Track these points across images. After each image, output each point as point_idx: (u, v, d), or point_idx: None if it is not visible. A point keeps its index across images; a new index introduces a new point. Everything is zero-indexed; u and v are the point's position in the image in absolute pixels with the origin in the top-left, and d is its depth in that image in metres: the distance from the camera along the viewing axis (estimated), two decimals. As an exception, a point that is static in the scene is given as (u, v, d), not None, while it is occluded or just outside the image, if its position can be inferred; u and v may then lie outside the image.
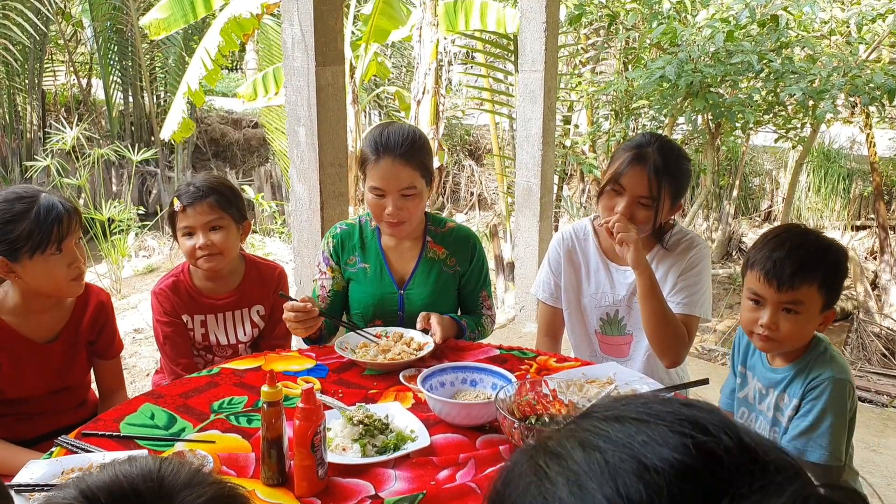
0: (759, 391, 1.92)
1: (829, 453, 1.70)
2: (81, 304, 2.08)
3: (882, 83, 4.67)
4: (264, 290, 2.39)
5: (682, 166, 2.16)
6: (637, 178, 2.09)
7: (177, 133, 6.30)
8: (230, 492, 0.74)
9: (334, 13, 3.14)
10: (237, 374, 1.98)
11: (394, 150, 2.15)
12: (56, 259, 1.89)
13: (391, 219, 2.18)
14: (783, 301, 1.73)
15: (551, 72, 4.44)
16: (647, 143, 2.13)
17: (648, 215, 2.11)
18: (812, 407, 1.74)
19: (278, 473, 1.49)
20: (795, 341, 1.79)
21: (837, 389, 1.73)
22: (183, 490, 0.70)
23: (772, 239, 1.78)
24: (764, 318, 1.75)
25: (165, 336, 2.29)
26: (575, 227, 2.40)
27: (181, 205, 2.21)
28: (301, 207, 3.39)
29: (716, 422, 0.57)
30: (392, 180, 2.15)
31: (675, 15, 5.57)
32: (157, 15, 5.64)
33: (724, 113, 5.22)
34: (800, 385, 1.79)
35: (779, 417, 1.84)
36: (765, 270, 1.73)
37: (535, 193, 4.55)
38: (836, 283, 1.75)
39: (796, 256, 1.71)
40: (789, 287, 1.71)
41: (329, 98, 3.20)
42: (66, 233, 1.89)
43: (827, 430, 1.71)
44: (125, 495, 0.69)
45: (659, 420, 0.57)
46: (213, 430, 1.69)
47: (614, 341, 2.36)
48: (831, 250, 1.76)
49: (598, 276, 2.33)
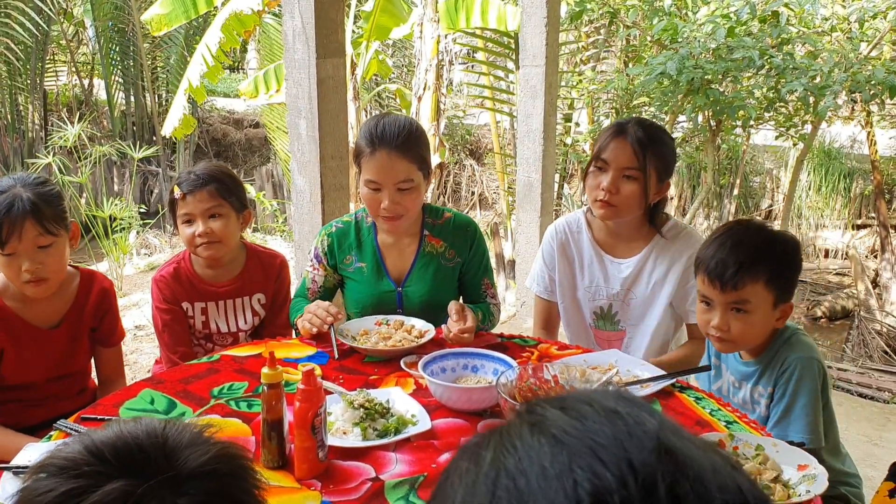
0: (732, 384, 1.91)
1: (807, 435, 1.68)
2: (84, 290, 2.08)
3: (883, 79, 4.67)
4: (265, 279, 2.39)
5: (666, 141, 2.15)
6: (620, 150, 2.08)
7: (177, 129, 6.31)
8: (233, 451, 0.75)
9: (336, 5, 3.14)
10: (237, 360, 1.97)
11: (390, 143, 2.09)
12: (3, 260, 1.85)
13: (387, 213, 2.12)
14: (730, 301, 1.70)
15: (552, 67, 4.44)
16: (626, 121, 2.14)
17: (635, 189, 2.09)
18: (784, 390, 1.73)
19: (279, 456, 1.49)
20: (750, 340, 1.76)
21: (806, 368, 1.72)
22: (187, 448, 0.71)
23: (716, 238, 1.76)
24: (715, 320, 1.73)
25: (164, 323, 2.28)
26: (568, 220, 2.37)
27: (181, 192, 2.21)
28: (302, 200, 3.38)
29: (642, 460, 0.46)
30: (388, 173, 2.09)
31: (675, 11, 5.57)
32: (158, 11, 5.65)
33: (725, 109, 5.22)
34: (770, 375, 1.78)
35: (756, 409, 1.83)
36: (708, 271, 1.71)
37: (535, 188, 4.54)
38: (784, 276, 1.71)
39: (737, 255, 1.68)
40: (732, 287, 1.68)
41: (330, 90, 3.20)
42: (7, 237, 1.82)
43: (801, 410, 1.70)
44: (130, 451, 0.69)
45: (574, 443, 0.48)
46: (212, 415, 1.69)
47: (608, 336, 2.34)
48: (776, 244, 1.73)
49: (591, 270, 2.30)
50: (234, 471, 0.74)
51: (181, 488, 0.68)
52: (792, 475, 1.42)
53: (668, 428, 0.49)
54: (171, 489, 0.68)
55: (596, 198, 2.13)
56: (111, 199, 6.90)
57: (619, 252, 2.26)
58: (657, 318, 2.23)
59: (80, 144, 7.05)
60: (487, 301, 2.32)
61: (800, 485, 1.39)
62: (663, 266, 2.20)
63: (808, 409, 1.70)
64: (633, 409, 0.50)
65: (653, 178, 2.09)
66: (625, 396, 0.52)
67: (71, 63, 10.90)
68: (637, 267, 2.23)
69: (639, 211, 2.15)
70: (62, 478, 0.68)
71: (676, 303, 2.22)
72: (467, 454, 0.53)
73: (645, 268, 2.22)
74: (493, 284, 2.35)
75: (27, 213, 1.83)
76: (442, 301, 2.19)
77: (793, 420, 1.70)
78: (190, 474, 0.70)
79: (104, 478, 0.67)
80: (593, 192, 2.13)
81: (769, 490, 1.37)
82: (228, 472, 0.73)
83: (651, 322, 2.24)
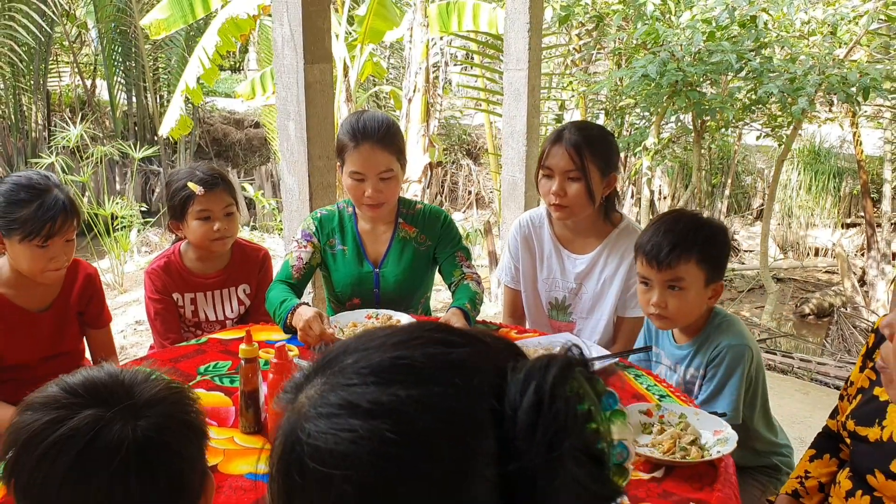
0: (667, 368, 2.07)
1: (730, 412, 1.86)
2: (71, 277, 2.27)
3: (856, 81, 4.84)
4: (250, 270, 2.58)
5: (604, 138, 2.33)
6: (559, 156, 2.26)
7: (174, 130, 6.50)
8: (178, 385, 0.98)
9: (322, 14, 3.31)
10: (223, 343, 2.16)
11: (372, 136, 2.30)
12: (39, 251, 2.06)
13: (370, 201, 2.34)
14: (666, 279, 1.88)
15: (535, 70, 4.61)
16: (563, 128, 2.31)
17: (580, 188, 2.25)
18: (714, 374, 1.90)
19: (255, 423, 1.67)
20: (686, 316, 1.93)
21: (734, 355, 1.89)
22: (141, 384, 0.94)
23: (652, 224, 1.95)
24: (654, 298, 1.91)
25: (156, 312, 2.47)
26: (531, 215, 2.55)
27: (202, 189, 2.39)
28: (291, 198, 3.56)
29: None
30: (371, 164, 2.31)
31: (658, 16, 5.74)
32: (158, 15, 5.84)
33: (706, 110, 5.39)
34: (701, 358, 1.95)
35: (690, 389, 1.99)
36: (645, 253, 1.90)
37: (519, 187, 4.72)
38: (713, 257, 1.90)
39: (670, 237, 1.87)
40: (668, 266, 1.87)
41: (317, 94, 3.38)
42: (55, 232, 2.04)
43: (728, 392, 1.88)
44: (97, 388, 0.92)
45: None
46: (198, 389, 1.87)
47: (559, 326, 2.49)
48: (703, 228, 1.92)
49: (550, 263, 2.48)
50: (180, 399, 0.97)
51: (140, 413, 0.91)
52: (708, 439, 1.60)
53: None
54: (132, 414, 0.90)
55: (549, 202, 2.32)
56: (112, 198, 7.09)
57: (575, 248, 2.43)
58: (603, 313, 2.39)
59: (83, 145, 7.25)
60: (463, 272, 2.45)
61: (713, 447, 1.58)
62: (613, 263, 2.37)
63: (733, 389, 1.88)
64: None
65: (595, 175, 2.27)
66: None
67: (73, 64, 11.09)
68: (590, 263, 2.40)
69: (590, 207, 2.32)
70: (44, 411, 0.91)
71: (620, 296, 2.37)
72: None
73: (597, 264, 2.39)
74: (468, 256, 2.50)
75: (68, 213, 2.07)
76: (415, 281, 2.43)
77: (720, 400, 1.88)
78: (146, 402, 0.92)
79: (78, 408, 0.90)
80: (546, 197, 2.33)
81: (686, 451, 1.55)
82: (176, 400, 0.96)
83: (598, 316, 2.41)
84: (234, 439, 1.65)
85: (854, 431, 1.66)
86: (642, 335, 2.17)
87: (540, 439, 0.61)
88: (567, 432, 0.61)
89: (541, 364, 0.64)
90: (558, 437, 0.61)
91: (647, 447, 1.58)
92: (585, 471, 0.62)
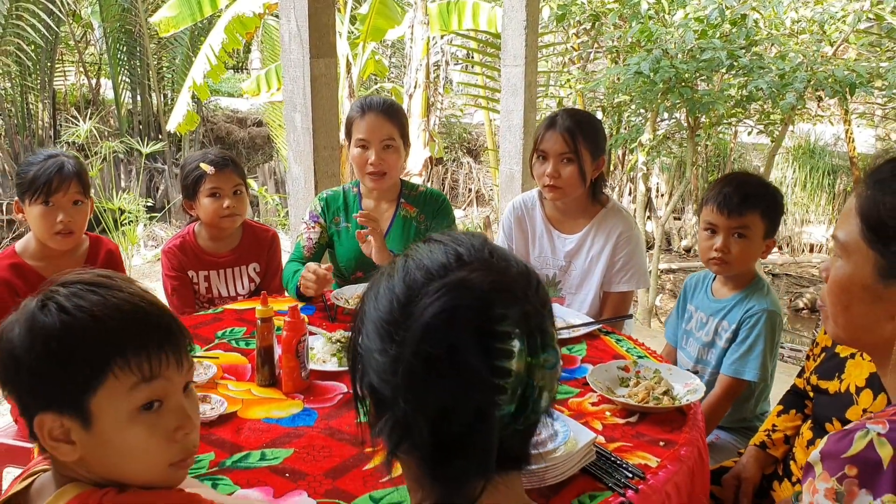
0: (700, 320, 2.28)
1: (759, 373, 2.09)
2: (94, 251, 2.45)
3: (843, 77, 5.00)
4: (260, 250, 2.75)
5: (594, 124, 2.51)
6: (553, 139, 2.44)
7: (181, 125, 6.67)
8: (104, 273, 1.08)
9: (327, 10, 3.49)
10: (238, 312, 2.35)
11: (376, 108, 2.55)
12: (46, 211, 2.23)
13: (374, 168, 2.54)
14: (733, 226, 2.11)
15: (531, 67, 4.78)
16: (556, 114, 2.50)
17: (573, 170, 2.43)
18: (748, 335, 2.11)
19: (270, 377, 1.85)
20: (744, 262, 2.15)
21: (770, 320, 2.11)
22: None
23: (721, 180, 2.18)
24: (718, 243, 2.12)
25: (173, 288, 2.64)
26: (524, 198, 2.73)
27: (213, 169, 2.56)
28: (297, 187, 3.73)
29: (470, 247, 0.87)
30: (375, 131, 2.53)
31: (653, 14, 5.91)
32: (167, 13, 6.01)
33: (699, 106, 5.55)
34: (738, 312, 2.15)
35: (716, 341, 2.20)
36: (717, 202, 2.12)
37: (517, 180, 4.89)
38: (775, 213, 2.13)
39: (742, 189, 2.11)
40: (738, 214, 2.09)
41: (322, 87, 3.55)
42: (57, 189, 2.22)
43: (759, 354, 2.09)
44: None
45: (446, 240, 0.90)
46: (217, 350, 2.05)
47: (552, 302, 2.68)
48: (770, 187, 2.17)
49: (541, 242, 2.65)
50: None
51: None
52: (680, 390, 1.77)
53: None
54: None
55: (543, 184, 2.49)
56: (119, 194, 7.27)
57: (565, 228, 2.61)
58: (591, 289, 2.57)
59: (90, 142, 7.41)
60: None
61: (684, 397, 1.75)
62: (600, 242, 2.54)
63: (764, 354, 2.10)
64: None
65: (586, 157, 2.44)
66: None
67: (79, 63, 11.23)
68: (579, 242, 2.57)
69: (581, 188, 2.49)
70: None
71: (605, 273, 2.54)
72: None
73: (585, 243, 2.57)
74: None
75: (72, 174, 2.25)
76: None
77: (750, 360, 2.10)
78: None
79: None
80: (541, 179, 2.50)
81: (658, 400, 1.72)
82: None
83: (586, 291, 2.58)
84: (251, 391, 1.82)
85: (817, 385, 1.83)
86: (681, 297, 2.39)
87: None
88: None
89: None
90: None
91: (624, 397, 1.75)
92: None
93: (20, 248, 2.34)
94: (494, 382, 0.78)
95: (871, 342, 1.13)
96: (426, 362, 0.79)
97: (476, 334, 0.78)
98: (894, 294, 1.06)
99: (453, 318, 0.79)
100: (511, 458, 0.84)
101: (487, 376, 0.78)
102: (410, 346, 0.79)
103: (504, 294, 0.80)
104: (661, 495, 1.45)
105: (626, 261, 2.50)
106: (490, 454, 0.79)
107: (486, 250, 0.86)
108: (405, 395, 0.80)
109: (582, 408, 1.76)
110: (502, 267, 0.85)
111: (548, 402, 0.83)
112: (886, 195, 1.07)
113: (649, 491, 1.43)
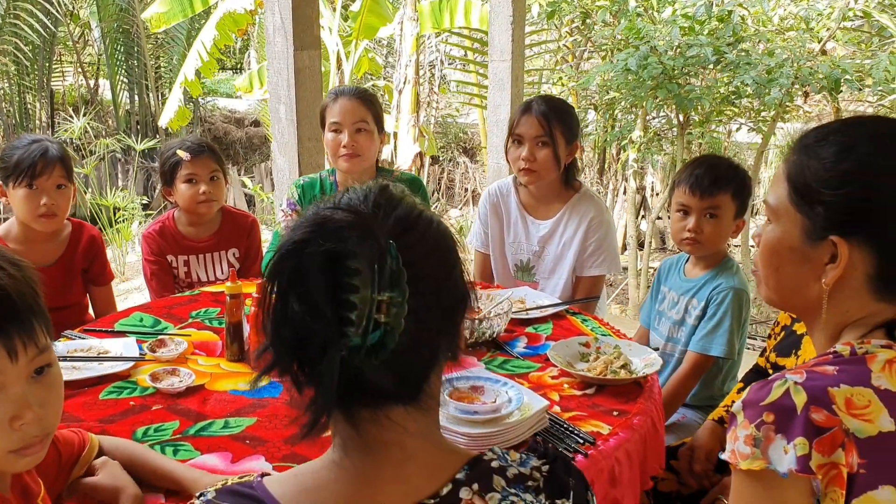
0: (672, 300, 2.34)
1: (726, 349, 2.15)
2: (76, 237, 2.51)
3: (828, 73, 5.04)
4: (239, 235, 2.80)
5: (568, 110, 2.56)
6: (529, 123, 2.50)
7: (173, 121, 6.73)
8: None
9: (311, 3, 3.53)
10: (213, 294, 2.39)
11: (349, 93, 2.63)
12: (30, 194, 2.29)
13: (346, 150, 2.59)
14: (704, 207, 2.17)
15: (518, 62, 4.83)
16: (532, 100, 2.56)
17: (548, 153, 2.48)
18: (715, 311, 2.17)
19: (239, 352, 1.89)
20: (716, 243, 2.21)
21: (737, 297, 2.16)
22: None
23: (691, 163, 2.25)
24: (690, 224, 2.18)
25: (152, 273, 2.69)
26: (500, 185, 2.78)
27: (189, 155, 2.61)
28: (282, 178, 3.78)
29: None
30: (347, 114, 2.59)
31: (641, 12, 5.95)
32: (158, 9, 6.06)
33: (686, 102, 5.59)
34: (707, 290, 2.21)
35: (686, 318, 2.26)
36: (689, 184, 2.18)
37: (504, 173, 4.91)
38: (744, 194, 2.20)
39: (713, 171, 2.18)
40: (709, 195, 2.16)
41: (306, 79, 3.59)
42: (41, 172, 2.28)
43: (726, 330, 2.15)
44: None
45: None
46: (190, 329, 2.09)
47: (524, 285, 2.72)
48: (740, 169, 2.23)
49: (516, 228, 2.70)
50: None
51: None
52: (638, 364, 1.82)
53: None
54: None
55: (519, 167, 2.54)
56: (115, 191, 7.32)
57: (539, 213, 2.65)
58: (563, 273, 2.62)
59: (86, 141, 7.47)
60: None
61: (641, 370, 1.79)
62: (572, 227, 2.59)
63: (731, 330, 2.15)
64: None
65: (560, 141, 2.49)
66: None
67: (77, 63, 11.29)
68: (552, 228, 2.62)
69: (555, 172, 2.54)
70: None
71: (578, 257, 2.59)
72: None
73: (558, 228, 2.62)
74: None
75: (56, 158, 2.31)
76: None
77: (717, 336, 2.15)
78: None
79: None
80: (516, 163, 2.55)
81: (616, 374, 1.76)
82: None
83: (559, 276, 2.63)
84: (220, 365, 1.87)
85: (775, 363, 1.88)
86: (655, 280, 2.44)
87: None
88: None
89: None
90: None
91: (583, 371, 1.79)
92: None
93: (2, 231, 2.40)
94: (340, 314, 0.80)
95: (800, 303, 1.17)
96: (281, 295, 0.83)
97: (323, 266, 0.81)
98: (820, 255, 1.10)
99: (302, 251, 0.82)
100: (380, 391, 0.84)
101: (330, 307, 0.80)
102: (272, 281, 0.85)
103: (359, 231, 0.82)
104: (611, 461, 1.49)
105: (598, 245, 2.54)
106: (331, 382, 0.80)
107: (373, 196, 0.88)
108: (272, 328, 0.86)
109: (542, 381, 1.80)
110: (371, 210, 0.87)
111: (395, 340, 0.81)
112: (811, 159, 1.11)
113: (599, 456, 1.47)
